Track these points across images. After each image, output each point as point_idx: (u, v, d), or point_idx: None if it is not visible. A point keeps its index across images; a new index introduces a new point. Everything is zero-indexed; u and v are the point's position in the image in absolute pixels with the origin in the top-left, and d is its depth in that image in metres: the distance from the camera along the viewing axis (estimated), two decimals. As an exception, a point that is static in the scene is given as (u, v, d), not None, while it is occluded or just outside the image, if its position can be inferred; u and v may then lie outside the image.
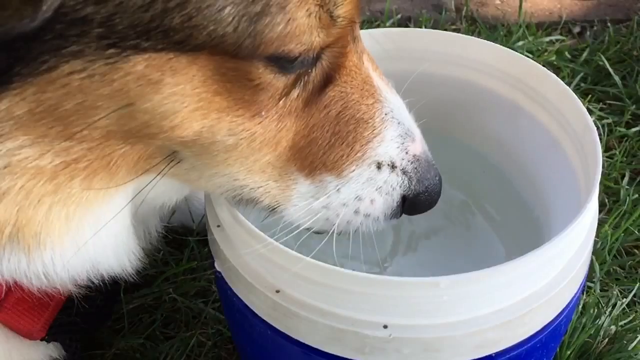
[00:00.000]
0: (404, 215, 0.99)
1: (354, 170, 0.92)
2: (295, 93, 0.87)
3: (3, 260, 0.87)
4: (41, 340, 1.04)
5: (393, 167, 0.93)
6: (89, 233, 0.90)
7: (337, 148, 0.91)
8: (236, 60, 0.80)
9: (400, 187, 0.94)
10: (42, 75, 0.77)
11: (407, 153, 0.94)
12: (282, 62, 0.83)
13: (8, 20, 0.73)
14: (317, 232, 0.97)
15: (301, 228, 0.95)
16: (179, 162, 0.89)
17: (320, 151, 0.91)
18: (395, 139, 0.94)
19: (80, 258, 0.91)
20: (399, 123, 0.94)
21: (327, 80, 0.90)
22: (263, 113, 0.85)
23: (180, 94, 0.80)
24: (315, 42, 0.83)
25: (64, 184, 0.84)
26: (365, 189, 0.93)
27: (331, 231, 0.95)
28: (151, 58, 0.77)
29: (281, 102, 0.86)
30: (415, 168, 0.95)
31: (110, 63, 0.77)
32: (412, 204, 0.96)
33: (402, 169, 0.94)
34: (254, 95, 0.84)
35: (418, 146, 0.96)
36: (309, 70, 0.87)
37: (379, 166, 0.93)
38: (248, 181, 0.91)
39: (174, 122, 0.81)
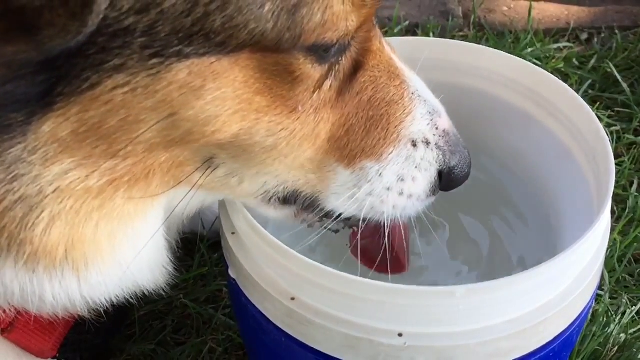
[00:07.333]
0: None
1: (392, 152, 0.94)
2: (328, 84, 0.88)
3: (55, 282, 0.85)
4: (52, 359, 1.04)
5: (427, 143, 0.95)
6: (130, 250, 0.89)
7: (374, 132, 0.93)
8: (277, 54, 0.80)
9: (437, 161, 0.96)
10: (85, 93, 0.76)
11: (437, 129, 0.96)
12: (320, 52, 0.84)
13: (54, 38, 0.72)
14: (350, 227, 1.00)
15: (343, 216, 0.96)
16: (215, 169, 0.89)
17: (357, 138, 0.92)
18: (425, 116, 0.96)
19: (122, 276, 0.91)
20: (425, 101, 0.97)
21: (357, 67, 0.91)
22: (300, 108, 0.86)
23: (221, 97, 0.80)
24: (349, 27, 0.84)
25: (109, 198, 0.84)
26: (406, 168, 0.95)
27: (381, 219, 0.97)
28: (193, 64, 0.77)
29: (315, 94, 0.87)
30: (447, 142, 0.97)
31: (153, 74, 0.76)
32: (448, 177, 0.98)
33: (436, 144, 0.96)
34: (291, 90, 0.84)
35: (445, 121, 0.98)
36: (340, 59, 0.88)
37: (414, 144, 0.95)
38: (288, 177, 0.92)
39: (215, 126, 0.81)
